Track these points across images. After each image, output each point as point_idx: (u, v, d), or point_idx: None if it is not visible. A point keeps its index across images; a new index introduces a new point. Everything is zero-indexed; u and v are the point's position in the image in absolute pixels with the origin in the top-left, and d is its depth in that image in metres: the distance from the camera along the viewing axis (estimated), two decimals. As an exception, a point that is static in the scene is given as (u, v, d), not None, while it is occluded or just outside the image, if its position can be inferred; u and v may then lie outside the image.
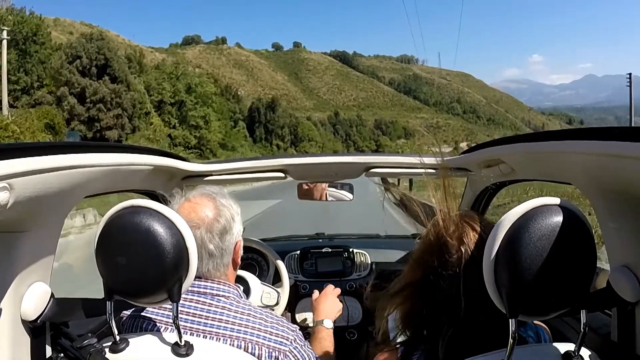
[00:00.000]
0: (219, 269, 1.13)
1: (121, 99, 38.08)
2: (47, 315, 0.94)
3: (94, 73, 37.70)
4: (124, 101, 38.32)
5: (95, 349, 0.93)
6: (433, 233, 0.89)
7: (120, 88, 38.25)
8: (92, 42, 38.79)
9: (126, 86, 39.23)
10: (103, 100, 37.10)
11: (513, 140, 1.20)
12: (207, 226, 1.11)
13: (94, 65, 37.79)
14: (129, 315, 1.11)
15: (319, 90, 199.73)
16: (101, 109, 37.10)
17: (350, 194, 2.12)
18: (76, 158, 0.88)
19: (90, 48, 38.04)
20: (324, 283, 1.99)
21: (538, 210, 0.76)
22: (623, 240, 0.89)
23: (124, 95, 38.38)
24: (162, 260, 0.88)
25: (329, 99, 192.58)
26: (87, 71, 37.60)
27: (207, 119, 48.88)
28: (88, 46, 38.13)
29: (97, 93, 36.82)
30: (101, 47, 38.62)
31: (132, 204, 0.92)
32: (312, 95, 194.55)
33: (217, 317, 1.07)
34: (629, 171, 0.75)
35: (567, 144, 0.88)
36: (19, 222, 0.86)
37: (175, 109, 47.53)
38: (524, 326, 0.93)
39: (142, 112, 41.41)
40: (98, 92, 36.85)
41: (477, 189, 1.74)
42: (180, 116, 47.67)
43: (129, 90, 39.35)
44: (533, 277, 0.72)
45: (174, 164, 1.45)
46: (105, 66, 38.30)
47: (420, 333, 0.90)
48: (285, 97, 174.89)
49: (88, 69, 37.63)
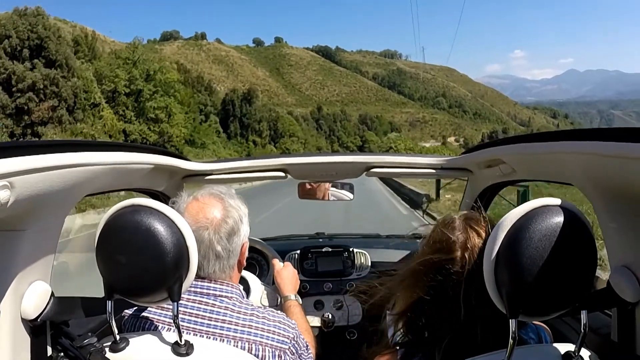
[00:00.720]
0: (225, 270, 1.13)
1: (58, 87, 31.19)
2: (48, 314, 0.94)
3: (26, 55, 31.05)
4: (63, 90, 31.35)
5: (96, 348, 0.92)
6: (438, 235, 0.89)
7: (56, 74, 31.35)
8: (24, 18, 32.00)
9: (67, 72, 32.45)
10: (34, 88, 30.27)
11: (514, 141, 1.20)
12: (215, 227, 1.10)
13: (26, 47, 31.13)
14: (130, 315, 1.11)
15: (301, 86, 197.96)
16: (32, 98, 30.22)
17: (351, 194, 2.14)
18: (77, 156, 0.88)
19: (21, 25, 31.31)
20: (324, 283, 2.10)
21: (539, 210, 0.76)
22: (623, 241, 0.89)
23: (62, 82, 31.54)
24: (163, 259, 0.87)
25: (311, 95, 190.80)
26: (17, 53, 30.90)
27: (169, 110, 41.74)
28: (19, 23, 31.39)
29: (25, 79, 30.03)
30: (35, 25, 31.87)
31: (133, 202, 0.92)
32: (294, 91, 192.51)
33: (220, 317, 1.07)
34: (629, 171, 0.75)
35: (568, 145, 0.88)
36: (19, 221, 0.86)
37: (131, 100, 40.08)
38: (525, 328, 0.92)
39: (89, 103, 34.63)
40: (26, 78, 30.05)
41: (478, 189, 1.76)
42: (137, 108, 40.43)
43: (70, 77, 32.59)
44: (533, 277, 0.72)
45: (174, 162, 1.46)
46: (39, 47, 31.58)
47: (421, 335, 0.89)
48: (266, 92, 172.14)
49: (19, 50, 30.95)
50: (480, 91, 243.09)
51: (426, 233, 0.95)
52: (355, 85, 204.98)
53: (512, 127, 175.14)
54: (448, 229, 0.88)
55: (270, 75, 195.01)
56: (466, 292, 0.82)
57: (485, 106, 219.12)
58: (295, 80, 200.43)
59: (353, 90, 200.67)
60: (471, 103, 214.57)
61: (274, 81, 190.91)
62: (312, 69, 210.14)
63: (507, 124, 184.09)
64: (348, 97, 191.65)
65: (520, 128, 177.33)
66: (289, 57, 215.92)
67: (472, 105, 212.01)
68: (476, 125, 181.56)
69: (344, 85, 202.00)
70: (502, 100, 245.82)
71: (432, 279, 0.86)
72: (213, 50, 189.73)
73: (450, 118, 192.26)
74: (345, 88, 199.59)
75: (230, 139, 66.89)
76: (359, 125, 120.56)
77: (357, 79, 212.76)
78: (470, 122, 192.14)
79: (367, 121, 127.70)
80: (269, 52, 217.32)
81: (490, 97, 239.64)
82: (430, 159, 1.77)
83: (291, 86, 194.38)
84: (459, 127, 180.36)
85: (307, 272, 2.17)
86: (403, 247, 2.38)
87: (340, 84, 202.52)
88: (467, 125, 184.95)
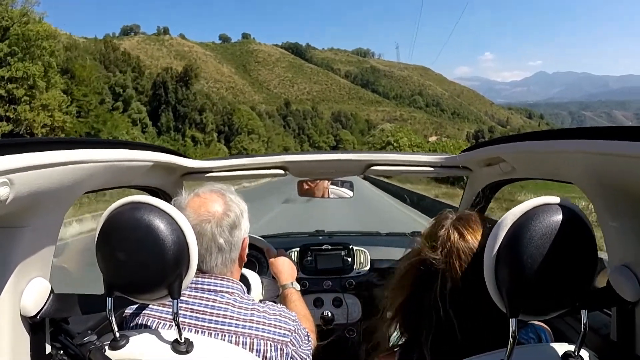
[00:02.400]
0: (226, 264, 1.15)
1: None
2: (47, 311, 0.94)
3: None
4: None
5: (95, 345, 0.93)
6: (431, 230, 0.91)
7: None
8: None
9: None
10: None
11: (514, 139, 1.21)
12: (217, 220, 1.12)
13: None
14: (131, 313, 1.12)
15: (269, 83, 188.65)
16: None
17: (351, 192, 2.14)
18: (76, 154, 0.88)
19: None
20: (324, 280, 2.13)
21: (539, 209, 0.76)
22: (623, 240, 0.89)
23: None
24: (163, 256, 0.88)
25: (280, 92, 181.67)
26: None
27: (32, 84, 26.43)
28: None
29: None
30: None
31: (132, 200, 0.92)
32: (262, 88, 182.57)
33: (221, 312, 1.08)
34: (630, 170, 0.75)
35: (568, 143, 0.89)
36: (18, 218, 0.86)
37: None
38: (524, 329, 0.93)
39: None
40: None
41: (477, 188, 1.77)
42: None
43: None
44: (534, 276, 0.73)
45: (174, 160, 1.47)
46: None
47: (415, 334, 0.90)
48: (231, 90, 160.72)
49: None
50: (456, 90, 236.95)
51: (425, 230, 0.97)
52: (327, 83, 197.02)
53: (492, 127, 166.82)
54: (438, 226, 0.89)
55: (236, 72, 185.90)
56: (441, 291, 0.83)
57: (463, 105, 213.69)
58: (263, 77, 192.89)
59: (325, 88, 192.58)
60: (448, 102, 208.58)
61: (240, 78, 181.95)
62: (281, 66, 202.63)
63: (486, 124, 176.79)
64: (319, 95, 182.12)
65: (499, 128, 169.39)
66: (257, 53, 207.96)
67: (449, 104, 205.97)
68: (457, 125, 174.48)
69: (314, 83, 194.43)
70: (478, 100, 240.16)
71: (418, 275, 0.88)
72: (176, 45, 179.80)
73: (430, 117, 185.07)
74: (316, 86, 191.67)
75: (162, 134, 51.19)
76: (332, 124, 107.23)
77: (328, 76, 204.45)
78: (450, 122, 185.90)
79: (342, 119, 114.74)
80: (236, 48, 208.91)
81: (466, 97, 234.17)
82: (429, 157, 1.77)
83: (258, 83, 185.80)
84: (440, 126, 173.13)
85: (306, 270, 2.17)
86: (403, 245, 2.11)
87: (311, 82, 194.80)
88: (447, 124, 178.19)
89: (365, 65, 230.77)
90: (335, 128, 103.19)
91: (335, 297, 2.09)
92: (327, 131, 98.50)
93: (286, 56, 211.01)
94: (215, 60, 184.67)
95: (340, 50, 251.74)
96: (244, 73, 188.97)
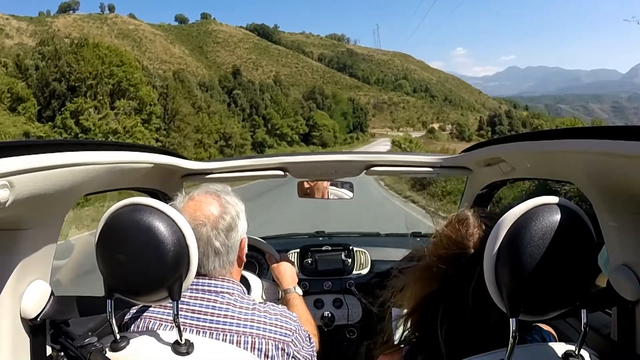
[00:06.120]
0: (225, 266, 1.14)
1: None
2: (47, 313, 0.94)
3: None
4: None
5: (96, 347, 0.92)
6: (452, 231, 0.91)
7: None
8: None
9: None
10: None
11: (514, 139, 1.21)
12: (213, 223, 1.11)
13: None
14: (132, 314, 1.12)
15: (229, 66, 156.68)
16: None
17: (351, 192, 2.11)
18: (76, 156, 0.87)
19: None
20: (324, 281, 2.11)
21: (539, 209, 0.76)
22: (623, 239, 0.89)
23: None
24: (163, 258, 0.88)
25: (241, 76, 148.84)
26: None
27: None
28: None
29: None
30: None
31: (133, 201, 0.92)
32: (220, 71, 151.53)
33: (222, 313, 1.08)
34: (630, 170, 0.75)
35: (568, 143, 0.89)
36: (18, 220, 0.85)
37: None
38: (531, 332, 0.93)
39: None
40: None
41: (477, 188, 1.77)
42: None
43: None
44: (534, 276, 0.73)
45: (173, 162, 1.46)
46: None
47: (429, 333, 0.89)
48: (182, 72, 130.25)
49: None
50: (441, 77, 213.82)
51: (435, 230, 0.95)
52: (298, 66, 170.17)
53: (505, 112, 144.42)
54: (463, 225, 0.89)
55: (190, 54, 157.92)
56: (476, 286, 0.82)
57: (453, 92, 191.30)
58: (222, 59, 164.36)
59: (294, 71, 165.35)
60: (438, 87, 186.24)
61: (195, 60, 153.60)
62: (244, 47, 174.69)
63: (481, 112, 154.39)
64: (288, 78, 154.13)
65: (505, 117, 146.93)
66: (217, 34, 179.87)
67: (439, 90, 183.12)
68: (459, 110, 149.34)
69: (283, 66, 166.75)
70: (465, 88, 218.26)
71: (444, 272, 0.87)
72: (120, 24, 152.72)
73: (425, 102, 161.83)
74: (284, 69, 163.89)
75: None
76: (303, 102, 75.84)
77: (299, 58, 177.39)
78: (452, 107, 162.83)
79: (316, 96, 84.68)
80: (193, 29, 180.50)
81: (453, 84, 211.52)
82: (429, 158, 1.78)
83: (216, 66, 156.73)
84: (440, 111, 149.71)
85: (306, 271, 2.16)
86: (403, 246, 2.30)
87: (279, 64, 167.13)
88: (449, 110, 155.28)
89: (340, 48, 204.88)
90: (307, 108, 72.60)
91: (335, 298, 2.07)
92: (294, 112, 67.46)
93: (250, 37, 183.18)
94: (166, 40, 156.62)
95: (313, 35, 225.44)
96: (200, 55, 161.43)
